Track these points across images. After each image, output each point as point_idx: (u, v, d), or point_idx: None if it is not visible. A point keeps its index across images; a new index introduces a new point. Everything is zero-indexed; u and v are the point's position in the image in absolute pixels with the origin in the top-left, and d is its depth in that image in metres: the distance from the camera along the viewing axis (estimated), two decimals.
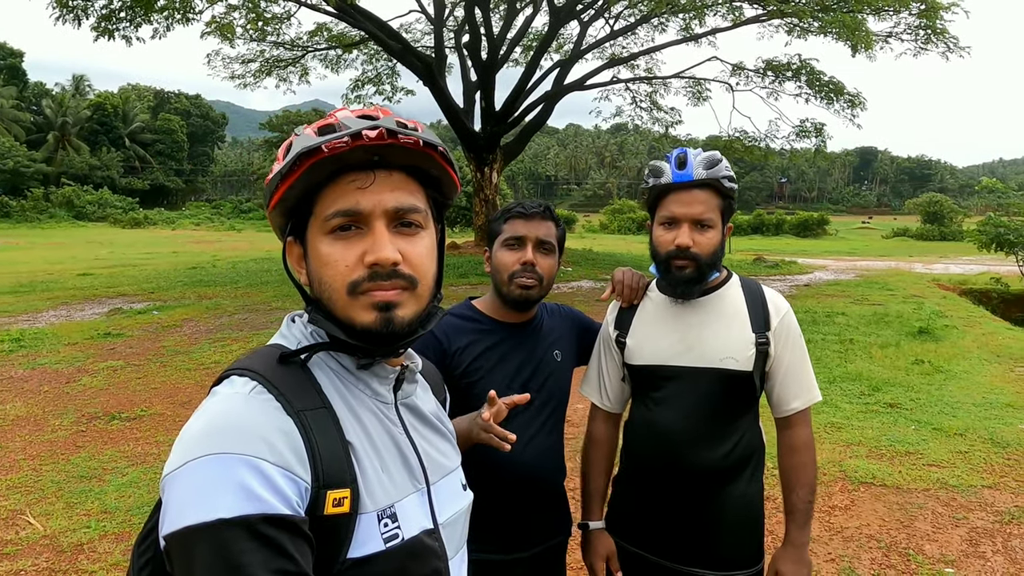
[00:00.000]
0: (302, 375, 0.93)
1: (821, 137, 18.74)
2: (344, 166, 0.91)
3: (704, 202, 1.76)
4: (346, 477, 0.88)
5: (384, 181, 0.93)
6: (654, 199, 1.84)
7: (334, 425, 0.90)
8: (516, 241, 1.85)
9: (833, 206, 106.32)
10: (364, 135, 0.88)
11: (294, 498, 0.81)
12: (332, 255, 0.92)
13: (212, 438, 0.81)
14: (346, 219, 0.91)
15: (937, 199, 47.26)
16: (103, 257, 22.04)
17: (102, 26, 14.28)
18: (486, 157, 18.24)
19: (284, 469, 0.82)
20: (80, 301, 12.11)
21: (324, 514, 0.85)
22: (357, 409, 0.95)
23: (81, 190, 51.54)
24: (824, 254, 27.01)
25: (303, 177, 0.91)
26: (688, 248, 1.75)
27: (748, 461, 1.85)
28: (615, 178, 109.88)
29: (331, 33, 19.77)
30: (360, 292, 0.91)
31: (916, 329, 9.41)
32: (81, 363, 7.55)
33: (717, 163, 1.76)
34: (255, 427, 0.83)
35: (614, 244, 28.91)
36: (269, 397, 0.87)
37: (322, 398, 0.92)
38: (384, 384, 1.00)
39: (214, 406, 0.87)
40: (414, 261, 0.93)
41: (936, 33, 14.95)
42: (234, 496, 0.77)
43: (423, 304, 0.96)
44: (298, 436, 0.85)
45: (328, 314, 0.94)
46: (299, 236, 0.98)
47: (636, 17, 18.71)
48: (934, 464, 4.83)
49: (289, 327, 1.01)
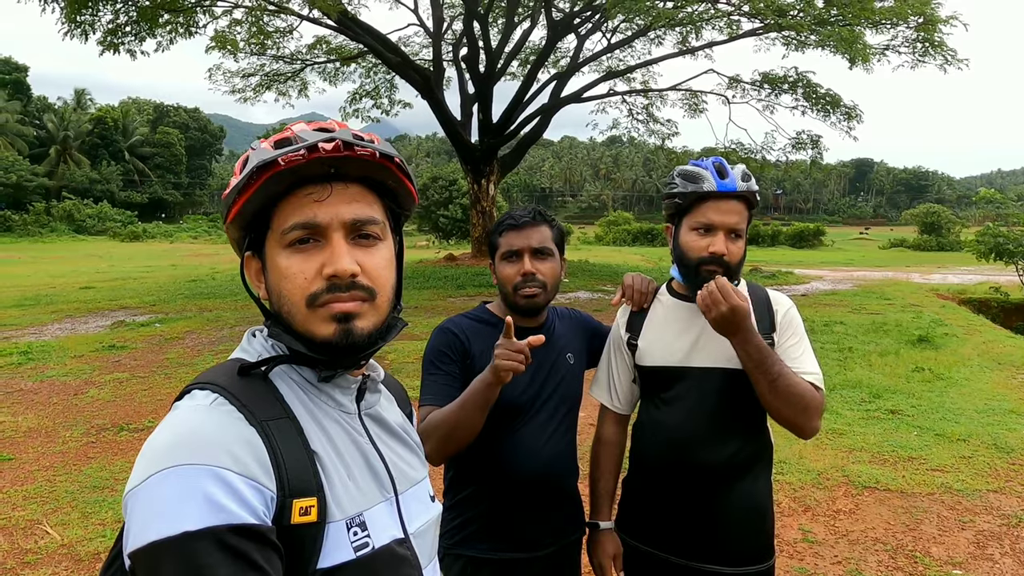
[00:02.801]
0: (264, 387, 0.92)
1: (817, 149, 18.87)
2: (301, 179, 0.91)
3: (739, 212, 1.82)
4: (312, 485, 0.87)
5: (341, 193, 0.92)
6: (689, 204, 1.86)
7: (297, 434, 0.90)
8: (513, 254, 1.91)
9: (829, 217, 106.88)
10: (320, 147, 0.88)
11: (260, 508, 0.80)
12: (290, 268, 0.92)
13: (174, 451, 0.80)
14: (304, 232, 0.91)
15: (935, 210, 47.42)
16: (103, 271, 22.05)
17: (108, 40, 14.45)
18: (483, 169, 18.34)
19: (248, 479, 0.81)
20: (84, 314, 12.14)
21: (291, 523, 0.84)
22: (321, 420, 0.95)
23: (81, 204, 51.70)
24: (820, 264, 27.12)
25: (260, 191, 0.90)
26: (723, 256, 1.80)
27: (756, 460, 1.90)
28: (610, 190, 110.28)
29: (330, 46, 19.90)
30: (319, 304, 0.91)
31: (915, 337, 9.49)
32: (88, 375, 7.58)
33: (750, 177, 1.85)
34: (217, 438, 0.82)
35: (610, 255, 28.99)
36: (231, 408, 0.87)
37: (284, 408, 0.91)
38: (347, 394, 1.00)
39: (175, 419, 0.86)
40: (372, 272, 0.93)
41: (934, 46, 15.06)
42: (199, 508, 0.76)
43: (382, 315, 0.96)
44: (262, 445, 0.85)
45: (288, 327, 0.94)
46: (257, 250, 0.98)
47: (633, 31, 18.89)
48: (938, 469, 4.89)
49: (250, 341, 1.00)
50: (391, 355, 8.35)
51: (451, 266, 18.16)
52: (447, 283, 15.46)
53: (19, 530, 3.94)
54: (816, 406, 1.77)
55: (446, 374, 1.85)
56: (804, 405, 1.74)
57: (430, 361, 1.89)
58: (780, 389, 1.73)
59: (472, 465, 1.88)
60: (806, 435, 1.82)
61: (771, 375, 1.72)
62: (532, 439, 1.89)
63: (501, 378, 1.59)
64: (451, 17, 20.58)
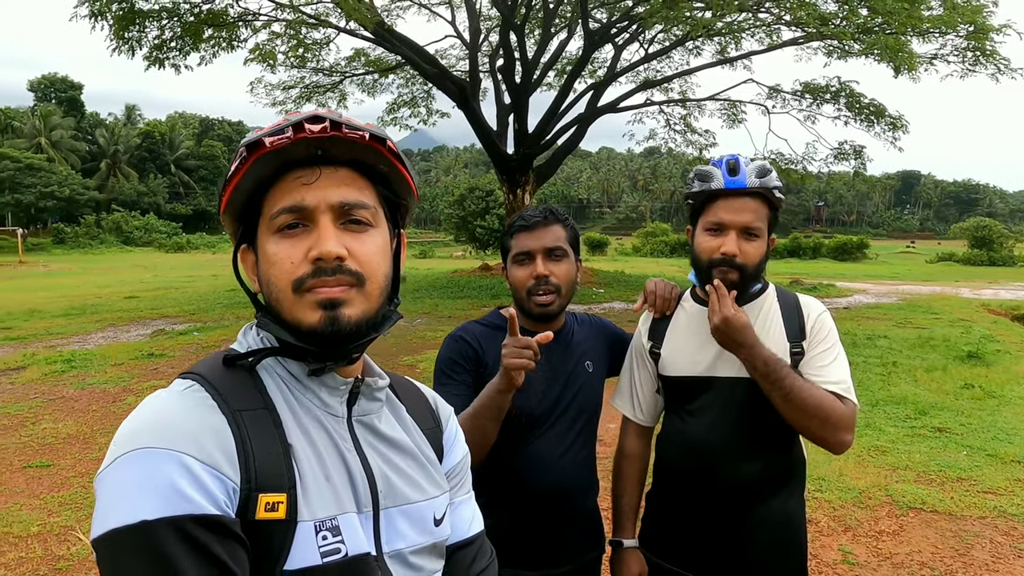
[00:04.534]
0: (247, 378, 0.90)
1: (860, 160, 18.44)
2: (289, 162, 0.89)
3: (754, 211, 1.72)
4: (283, 481, 0.83)
5: (330, 177, 0.90)
6: (700, 204, 1.79)
7: (274, 426, 0.87)
8: (524, 255, 1.82)
9: (873, 230, 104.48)
10: (307, 128, 0.86)
11: (221, 498, 0.78)
12: (278, 253, 0.90)
13: (139, 434, 0.79)
14: (291, 216, 0.89)
15: (986, 223, 45.78)
16: (147, 281, 22.60)
17: (154, 55, 14.86)
18: (518, 179, 18.31)
19: (211, 467, 0.78)
20: (126, 323, 12.42)
21: (256, 519, 0.81)
22: (302, 417, 0.91)
23: (129, 216, 53.51)
24: (864, 278, 26.44)
25: (248, 175, 0.89)
26: (734, 257, 1.71)
27: (788, 476, 1.81)
28: (648, 201, 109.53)
29: (368, 58, 20.16)
30: (305, 289, 0.88)
31: (965, 353, 9.14)
32: (126, 383, 7.72)
33: (768, 172, 1.73)
34: (183, 423, 0.80)
35: (646, 267, 28.73)
36: (205, 395, 0.85)
37: (264, 400, 0.89)
38: (334, 396, 0.95)
39: (147, 404, 0.85)
40: (361, 258, 0.90)
41: (985, 55, 14.57)
42: (158, 495, 0.74)
43: (373, 304, 0.91)
44: (229, 435, 0.82)
45: (277, 317, 0.91)
46: (252, 243, 0.96)
47: (671, 41, 18.73)
48: (990, 491, 4.66)
49: (244, 335, 0.98)
50: (423, 364, 8.35)
51: (486, 276, 18.18)
52: (482, 293, 15.47)
53: (53, 536, 3.99)
54: (841, 418, 1.65)
55: (459, 383, 1.78)
56: (825, 417, 1.63)
57: (441, 371, 1.82)
58: (795, 402, 1.63)
59: (485, 476, 1.79)
60: (835, 449, 1.69)
61: (783, 388, 1.63)
62: (548, 451, 1.81)
63: (512, 380, 1.52)
64: (488, 28, 20.67)
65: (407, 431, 1.05)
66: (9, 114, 63.86)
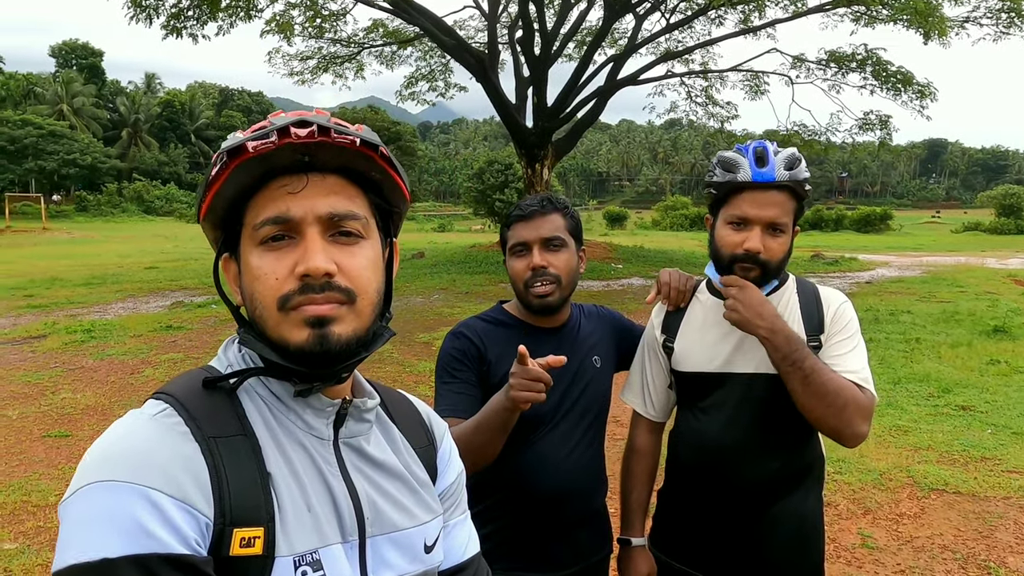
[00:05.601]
0: (225, 401, 0.84)
1: (886, 130, 17.98)
2: (274, 169, 0.82)
3: (780, 204, 1.61)
4: (260, 514, 0.78)
5: (318, 185, 0.83)
6: (724, 195, 1.68)
7: (252, 454, 0.81)
8: (521, 246, 1.74)
9: (897, 200, 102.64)
10: (292, 132, 0.79)
11: (192, 535, 0.72)
12: (262, 268, 0.83)
13: (104, 464, 0.73)
14: (276, 228, 0.82)
15: (1014, 191, 44.80)
16: (168, 251, 22.80)
17: (171, 24, 14.74)
18: (537, 153, 18.12)
19: (181, 502, 0.73)
20: (146, 294, 12.54)
21: (230, 555, 0.75)
22: (283, 441, 0.85)
23: (151, 185, 53.97)
24: (887, 250, 26.03)
25: (230, 181, 0.82)
26: (758, 253, 1.61)
27: (805, 474, 1.74)
28: (668, 174, 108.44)
29: (386, 29, 19.95)
30: (291, 307, 0.81)
31: (991, 327, 8.97)
32: (145, 355, 7.78)
33: (798, 163, 1.62)
34: (151, 453, 0.75)
35: (666, 241, 28.48)
36: (177, 420, 0.79)
37: (243, 425, 0.83)
38: (320, 417, 0.88)
39: (116, 429, 0.79)
40: (352, 273, 0.84)
41: (1020, 15, 14.10)
42: (122, 532, 0.69)
43: (365, 322, 0.85)
44: (203, 465, 0.77)
45: (261, 335, 0.85)
46: (234, 252, 0.89)
47: (693, 10, 18.30)
48: (1015, 471, 4.57)
49: (225, 350, 0.92)
50: (439, 342, 8.31)
51: None
52: (500, 268, 15.37)
53: None
54: (858, 407, 1.55)
55: (462, 382, 1.71)
56: (844, 404, 1.53)
57: (443, 369, 1.75)
58: (814, 385, 1.53)
59: (492, 476, 1.71)
60: (849, 442, 1.58)
61: (804, 369, 1.53)
62: (553, 451, 1.74)
63: (519, 407, 1.44)
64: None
65: (397, 452, 0.99)
66: (32, 80, 64.37)
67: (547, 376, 1.40)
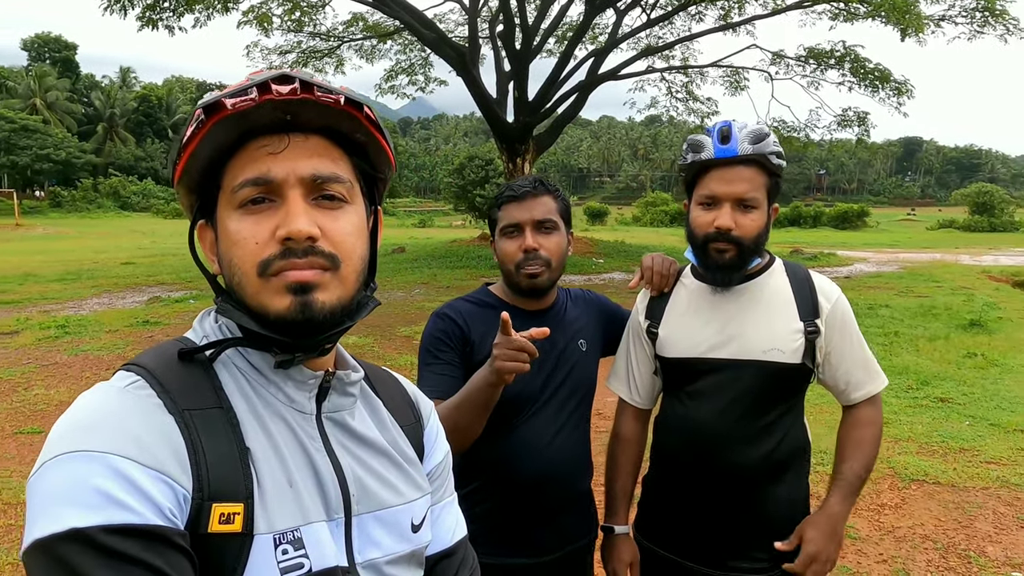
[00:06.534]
0: (200, 373, 0.80)
1: (864, 126, 18.17)
2: (252, 128, 0.78)
3: (749, 180, 1.60)
4: (239, 488, 0.74)
5: (300, 146, 0.79)
6: (693, 176, 1.68)
7: (229, 427, 0.77)
8: (513, 227, 1.72)
9: (874, 198, 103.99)
10: (274, 89, 0.75)
11: (167, 505, 0.68)
12: (241, 231, 0.79)
13: (69, 436, 0.69)
14: (256, 189, 0.78)
15: (987, 189, 45.48)
16: (145, 247, 22.45)
17: (146, 15, 14.46)
18: (518, 148, 18.06)
19: (157, 471, 0.69)
20: (121, 289, 12.34)
21: (208, 532, 0.71)
22: (263, 415, 0.81)
23: (127, 180, 53.20)
24: (864, 246, 26.31)
25: (206, 140, 0.78)
26: (729, 230, 1.60)
27: (792, 460, 1.72)
28: (648, 170, 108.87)
29: (366, 23, 19.78)
30: (272, 273, 0.77)
31: (967, 321, 9.08)
32: (121, 350, 7.64)
33: (764, 137, 1.61)
34: (122, 422, 0.71)
35: (646, 237, 28.55)
36: (149, 393, 0.75)
37: (219, 397, 0.79)
38: (302, 391, 0.84)
39: (81, 401, 0.74)
40: (336, 238, 0.80)
41: (994, 15, 14.30)
42: (89, 502, 0.65)
43: (349, 289, 0.81)
44: (179, 437, 0.72)
45: (240, 303, 0.81)
46: (211, 219, 0.85)
47: (673, 5, 18.35)
48: (993, 461, 4.61)
49: (201, 321, 0.88)
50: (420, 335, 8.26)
51: (485, 245, 17.99)
52: (480, 263, 15.38)
53: None
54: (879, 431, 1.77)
55: (445, 363, 1.68)
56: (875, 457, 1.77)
57: (426, 350, 1.72)
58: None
59: (475, 460, 1.68)
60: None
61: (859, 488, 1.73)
62: (537, 435, 1.71)
63: (503, 379, 1.41)
64: None
65: (383, 428, 0.95)
66: (3, 73, 63.21)
67: (531, 346, 1.37)
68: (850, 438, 1.73)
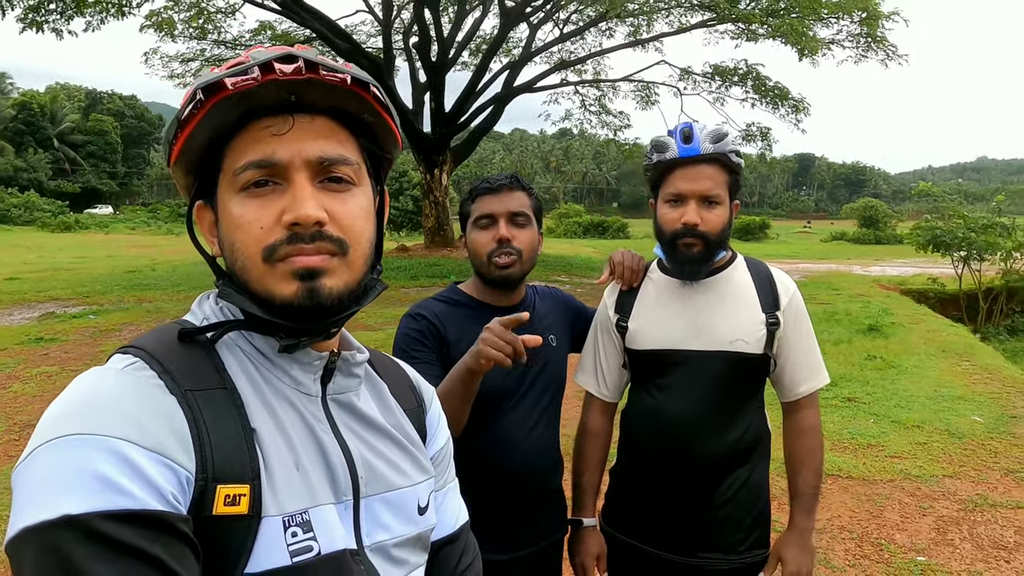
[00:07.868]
0: (202, 354, 0.77)
1: (767, 141, 19.17)
2: (255, 108, 0.75)
3: (711, 177, 1.68)
4: (245, 469, 0.71)
5: (305, 127, 0.77)
6: (658, 176, 1.75)
7: (233, 408, 0.74)
8: (487, 219, 1.73)
9: (773, 211, 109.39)
10: (277, 68, 0.72)
11: (170, 490, 0.65)
12: (244, 216, 0.76)
13: (64, 419, 0.65)
14: (260, 172, 0.76)
15: (873, 204, 48.74)
16: (31, 262, 20.94)
17: (29, 18, 13.46)
18: (435, 159, 18.06)
19: (158, 454, 0.66)
20: (7, 306, 11.44)
21: (213, 514, 0.69)
22: (269, 397, 0.78)
23: (5, 193, 49.24)
24: (767, 257, 27.00)
25: (205, 122, 0.74)
26: (696, 226, 1.67)
27: (755, 447, 1.79)
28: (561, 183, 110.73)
29: (275, 32, 19.27)
30: (278, 258, 0.75)
31: (866, 326, 9.62)
32: (12, 369, 7.09)
33: (724, 136, 1.69)
34: (122, 404, 0.67)
35: (562, 247, 28.95)
36: (150, 374, 0.72)
37: (222, 378, 0.76)
38: (307, 372, 0.82)
39: (76, 384, 0.71)
40: (344, 221, 0.78)
41: (876, 41, 15.48)
42: (85, 487, 0.61)
43: (356, 274, 0.80)
44: (182, 418, 0.70)
45: (243, 287, 0.78)
46: (210, 199, 0.82)
47: (585, 21, 18.83)
48: (896, 456, 4.90)
49: (200, 304, 0.85)
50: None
51: (404, 257, 17.82)
52: (400, 274, 15.18)
53: None
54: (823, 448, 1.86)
55: (422, 362, 1.64)
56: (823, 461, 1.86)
57: (402, 350, 1.68)
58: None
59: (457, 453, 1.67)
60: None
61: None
62: (514, 430, 1.72)
63: (482, 366, 1.41)
64: (400, 4, 20.13)
65: (388, 411, 0.92)
66: None
67: (521, 348, 1.37)
68: (798, 448, 1.80)
